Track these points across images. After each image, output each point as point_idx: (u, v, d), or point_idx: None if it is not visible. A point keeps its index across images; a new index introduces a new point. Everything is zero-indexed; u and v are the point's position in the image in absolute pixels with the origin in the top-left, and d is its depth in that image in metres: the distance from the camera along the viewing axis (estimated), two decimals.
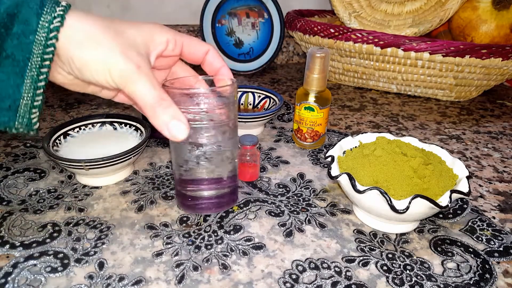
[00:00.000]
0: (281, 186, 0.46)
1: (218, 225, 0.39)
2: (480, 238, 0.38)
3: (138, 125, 0.50)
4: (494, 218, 0.42)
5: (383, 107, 0.72)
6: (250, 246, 0.36)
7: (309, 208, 0.42)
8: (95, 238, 0.37)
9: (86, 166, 0.41)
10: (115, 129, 0.51)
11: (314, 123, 0.52)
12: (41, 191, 0.44)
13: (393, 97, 0.77)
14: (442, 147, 0.43)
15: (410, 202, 0.34)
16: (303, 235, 0.38)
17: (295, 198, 0.44)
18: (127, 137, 0.49)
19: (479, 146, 0.58)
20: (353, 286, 0.32)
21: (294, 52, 1.00)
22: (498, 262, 0.35)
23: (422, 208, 0.34)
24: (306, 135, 0.53)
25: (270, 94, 0.61)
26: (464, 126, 0.65)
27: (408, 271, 0.34)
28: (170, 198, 0.43)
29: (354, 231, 0.39)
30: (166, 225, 0.39)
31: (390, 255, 0.36)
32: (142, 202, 0.42)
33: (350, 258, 0.35)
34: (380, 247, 0.37)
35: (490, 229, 0.40)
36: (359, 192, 0.35)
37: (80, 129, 0.50)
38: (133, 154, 0.44)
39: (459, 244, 0.37)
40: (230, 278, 0.33)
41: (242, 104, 0.63)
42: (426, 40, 0.66)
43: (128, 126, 0.51)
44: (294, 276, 0.33)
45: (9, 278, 0.32)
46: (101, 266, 0.33)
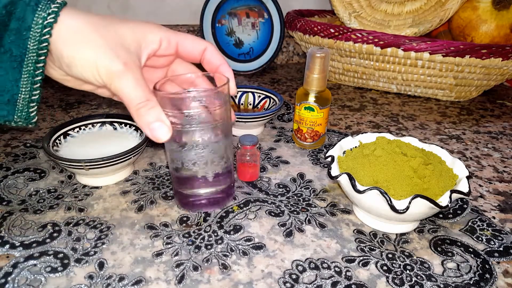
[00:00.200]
0: (281, 186, 0.46)
1: (218, 225, 0.39)
2: (480, 238, 0.38)
3: None
4: (494, 218, 0.42)
5: (383, 107, 0.71)
6: (250, 246, 0.36)
7: (309, 208, 0.42)
8: (95, 238, 0.37)
9: (86, 166, 0.41)
10: (115, 129, 0.51)
11: (314, 123, 0.52)
12: (41, 191, 0.44)
13: (393, 97, 0.77)
14: (442, 147, 0.43)
15: (410, 202, 0.34)
16: (303, 235, 0.38)
17: (295, 198, 0.44)
18: (127, 137, 0.49)
19: (479, 146, 0.58)
20: (353, 286, 0.32)
21: (294, 52, 0.99)
22: (498, 262, 0.35)
23: (422, 208, 0.34)
24: (306, 135, 0.53)
25: (270, 94, 0.61)
26: (464, 126, 0.65)
27: (408, 271, 0.34)
28: (170, 198, 0.43)
29: (354, 231, 0.39)
30: (166, 225, 0.39)
31: (390, 255, 0.36)
32: (142, 202, 0.42)
33: (350, 258, 0.35)
34: (380, 247, 0.37)
35: (490, 229, 0.40)
36: (359, 192, 0.35)
37: (80, 129, 0.50)
38: (133, 154, 0.44)
39: (459, 244, 0.37)
40: (230, 278, 0.33)
41: (242, 104, 0.63)
42: (426, 40, 0.66)
43: (128, 126, 0.51)
44: (294, 276, 0.33)
45: (9, 278, 0.32)
46: (101, 266, 0.33)
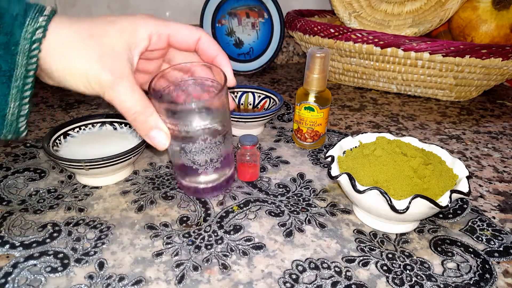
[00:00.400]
0: (281, 186, 0.46)
1: (218, 225, 0.39)
2: (480, 238, 0.38)
3: None
4: (494, 218, 0.42)
5: (383, 107, 0.71)
6: (250, 246, 0.36)
7: (309, 208, 0.42)
8: (95, 238, 0.37)
9: (86, 166, 0.41)
10: (115, 129, 0.51)
11: (314, 123, 0.52)
12: (41, 191, 0.44)
13: (393, 97, 0.77)
14: (442, 147, 0.43)
15: (410, 202, 0.34)
16: (303, 235, 0.38)
17: (295, 198, 0.44)
18: (127, 137, 0.49)
19: (479, 146, 0.58)
20: (353, 286, 0.32)
21: (294, 52, 0.99)
22: (498, 262, 0.35)
23: (422, 208, 0.34)
24: (306, 135, 0.53)
25: (270, 94, 0.61)
26: (464, 126, 0.65)
27: (408, 271, 0.34)
28: (170, 198, 0.43)
29: (354, 231, 0.39)
30: (166, 225, 0.39)
31: (390, 255, 0.36)
32: (142, 202, 0.42)
33: (350, 258, 0.35)
34: (380, 247, 0.37)
35: (490, 229, 0.40)
36: (359, 192, 0.35)
37: (80, 129, 0.50)
38: (133, 154, 0.44)
39: (459, 244, 0.37)
40: (230, 278, 0.33)
41: (242, 104, 0.63)
42: (426, 40, 0.66)
43: (128, 126, 0.51)
44: (294, 276, 0.33)
45: (9, 278, 0.32)
46: (101, 266, 0.33)
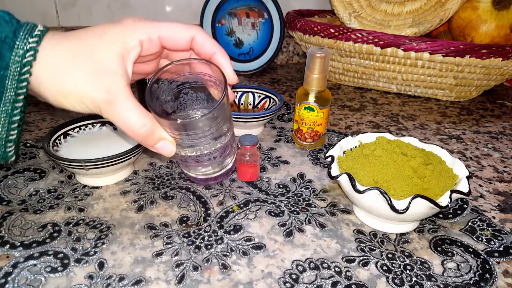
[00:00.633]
0: (281, 186, 0.46)
1: (218, 225, 0.39)
2: (480, 238, 0.38)
3: None
4: (494, 218, 0.42)
5: (383, 107, 0.71)
6: (250, 246, 0.36)
7: (309, 208, 0.42)
8: (95, 238, 0.37)
9: (86, 166, 0.41)
10: (115, 129, 0.51)
11: (314, 123, 0.52)
12: (41, 191, 0.44)
13: (393, 97, 0.77)
14: (442, 147, 0.43)
15: (410, 202, 0.34)
16: (303, 235, 0.38)
17: (295, 198, 0.44)
18: (127, 137, 0.49)
19: (479, 146, 0.58)
20: (353, 286, 0.32)
21: (294, 52, 0.99)
22: (498, 262, 0.35)
23: (422, 208, 0.34)
24: (306, 135, 0.53)
25: (270, 94, 0.61)
26: (464, 126, 0.65)
27: (408, 271, 0.34)
28: (170, 198, 0.43)
29: (354, 231, 0.39)
30: (166, 225, 0.39)
31: (390, 255, 0.36)
32: (142, 202, 0.42)
33: (350, 258, 0.35)
34: (380, 247, 0.37)
35: (490, 229, 0.40)
36: (359, 192, 0.35)
37: (80, 129, 0.50)
38: (133, 154, 0.44)
39: (459, 244, 0.37)
40: (230, 278, 0.33)
41: (242, 104, 0.63)
42: (426, 40, 0.66)
43: None
44: (294, 276, 0.33)
45: (9, 278, 0.32)
46: (101, 266, 0.33)
